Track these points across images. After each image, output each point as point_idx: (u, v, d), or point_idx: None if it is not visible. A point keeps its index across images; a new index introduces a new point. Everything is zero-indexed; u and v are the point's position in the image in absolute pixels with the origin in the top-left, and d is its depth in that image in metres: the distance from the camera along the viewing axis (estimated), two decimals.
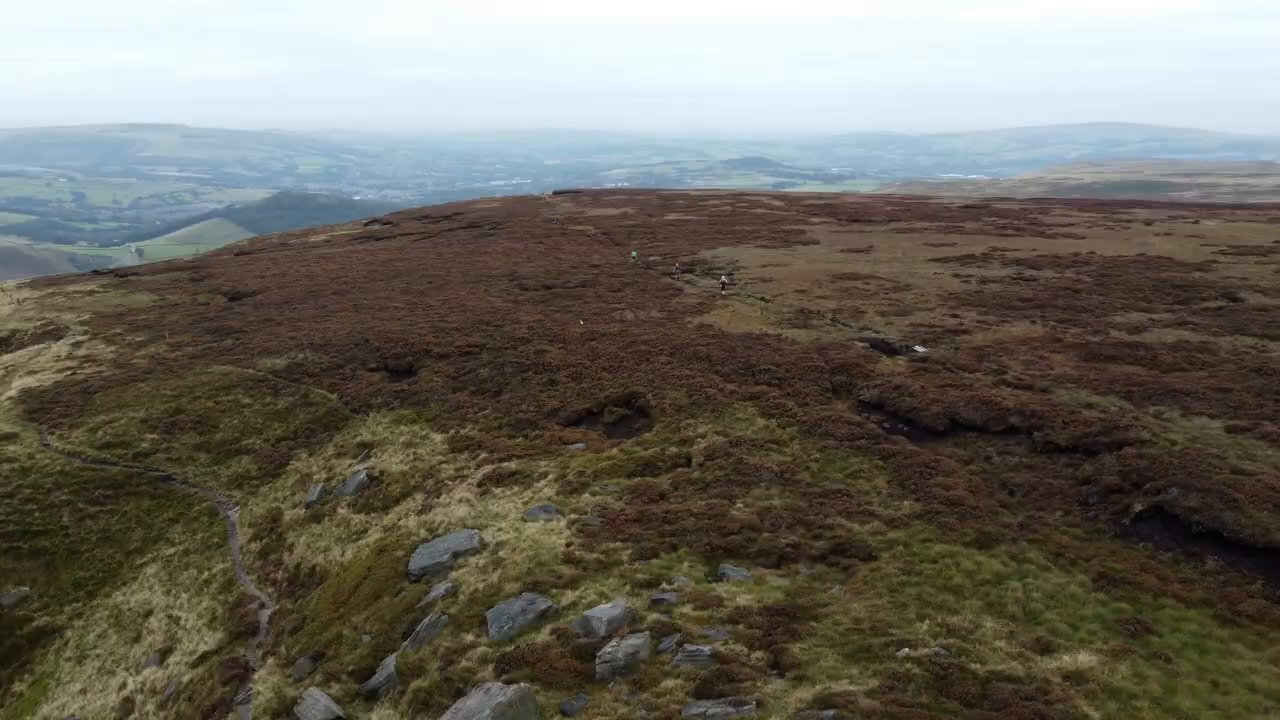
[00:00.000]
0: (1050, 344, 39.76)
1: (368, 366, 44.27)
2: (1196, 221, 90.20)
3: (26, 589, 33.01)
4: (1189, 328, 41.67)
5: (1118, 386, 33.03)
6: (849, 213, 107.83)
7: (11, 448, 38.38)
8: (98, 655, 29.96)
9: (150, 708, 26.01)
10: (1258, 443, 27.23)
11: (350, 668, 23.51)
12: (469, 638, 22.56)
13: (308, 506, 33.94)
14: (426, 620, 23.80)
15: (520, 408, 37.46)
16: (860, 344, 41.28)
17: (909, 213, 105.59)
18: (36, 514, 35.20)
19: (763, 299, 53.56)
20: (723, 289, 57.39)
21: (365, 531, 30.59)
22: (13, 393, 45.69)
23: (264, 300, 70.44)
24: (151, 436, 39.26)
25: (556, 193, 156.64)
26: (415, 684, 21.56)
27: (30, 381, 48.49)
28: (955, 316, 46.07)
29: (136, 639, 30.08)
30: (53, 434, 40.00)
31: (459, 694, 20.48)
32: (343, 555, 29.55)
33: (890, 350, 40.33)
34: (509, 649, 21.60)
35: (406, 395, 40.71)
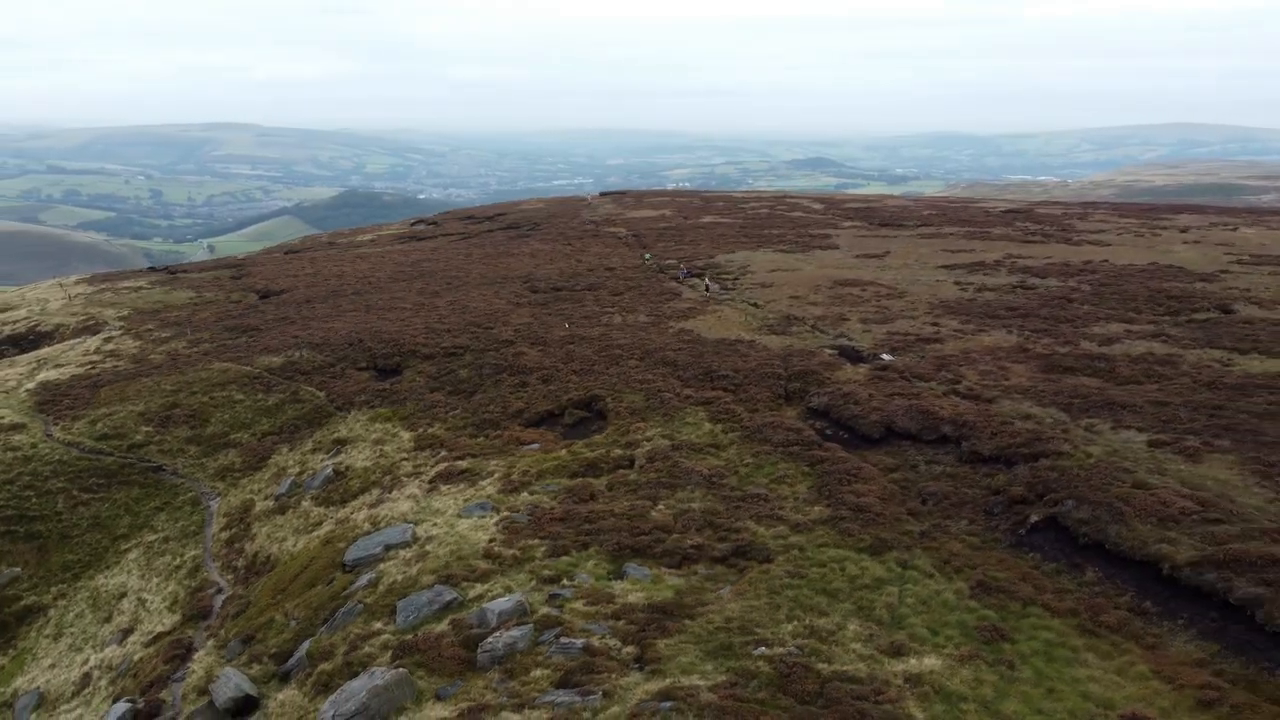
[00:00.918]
0: (1016, 354, 39.95)
1: (358, 366, 46.13)
2: (1235, 229, 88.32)
3: (19, 570, 35.37)
4: (1163, 340, 41.46)
5: (1062, 398, 33.26)
6: (882, 217, 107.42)
7: (18, 437, 40.99)
8: (72, 633, 32.12)
9: (103, 683, 27.95)
10: (1174, 457, 27.40)
11: (273, 650, 25.12)
12: (378, 625, 23.99)
13: (276, 499, 35.81)
14: (344, 608, 25.31)
15: (488, 408, 38.89)
16: (829, 351, 41.89)
17: (943, 217, 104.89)
18: (34, 500, 37.62)
19: (755, 304, 54.31)
20: (707, 290, 58.62)
21: (320, 524, 32.27)
22: (32, 385, 48.55)
23: (288, 299, 73.10)
24: (146, 429, 41.58)
25: (603, 194, 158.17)
26: (322, 667, 23.02)
27: (53, 374, 51.37)
28: (935, 325, 46.36)
29: (108, 619, 32.17)
30: (56, 425, 42.59)
31: (355, 676, 21.93)
32: (295, 546, 31.26)
33: (857, 358, 40.90)
34: (408, 637, 22.96)
35: (388, 394, 42.43)
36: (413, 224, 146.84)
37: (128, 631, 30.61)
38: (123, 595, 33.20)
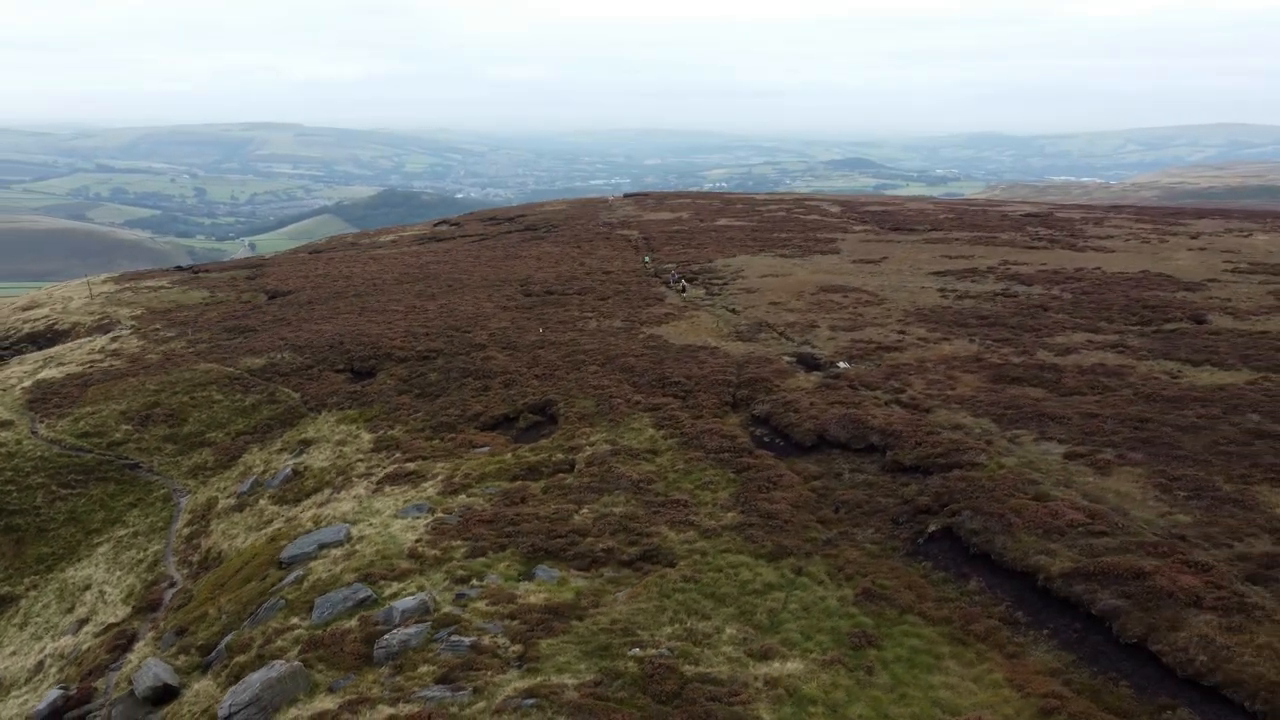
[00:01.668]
0: (970, 364, 40.29)
1: (335, 368, 47.50)
2: (1249, 235, 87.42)
3: None
4: (1120, 351, 41.58)
5: (998, 409, 33.66)
6: (895, 221, 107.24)
7: (4, 434, 42.85)
8: (36, 622, 33.70)
9: (54, 670, 29.43)
10: (1085, 469, 27.79)
11: (200, 642, 26.38)
12: (295, 620, 25.12)
13: (238, 497, 37.21)
14: (267, 604, 26.50)
15: (448, 411, 40.01)
16: (787, 358, 42.51)
17: (957, 222, 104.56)
18: (14, 494, 39.36)
19: (733, 310, 54.98)
20: (683, 293, 59.79)
21: (271, 522, 33.56)
22: (29, 383, 50.53)
23: (293, 300, 74.88)
24: (126, 427, 43.24)
25: (626, 195, 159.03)
26: (238, 659, 24.22)
27: (52, 373, 53.36)
28: (902, 333, 46.76)
29: (70, 610, 33.71)
30: (42, 422, 44.42)
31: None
32: (244, 542, 32.57)
33: (813, 366, 41.48)
34: (318, 632, 24.08)
35: (358, 396, 43.72)
36: (435, 225, 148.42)
37: (84, 622, 32.12)
38: (87, 587, 34.74)
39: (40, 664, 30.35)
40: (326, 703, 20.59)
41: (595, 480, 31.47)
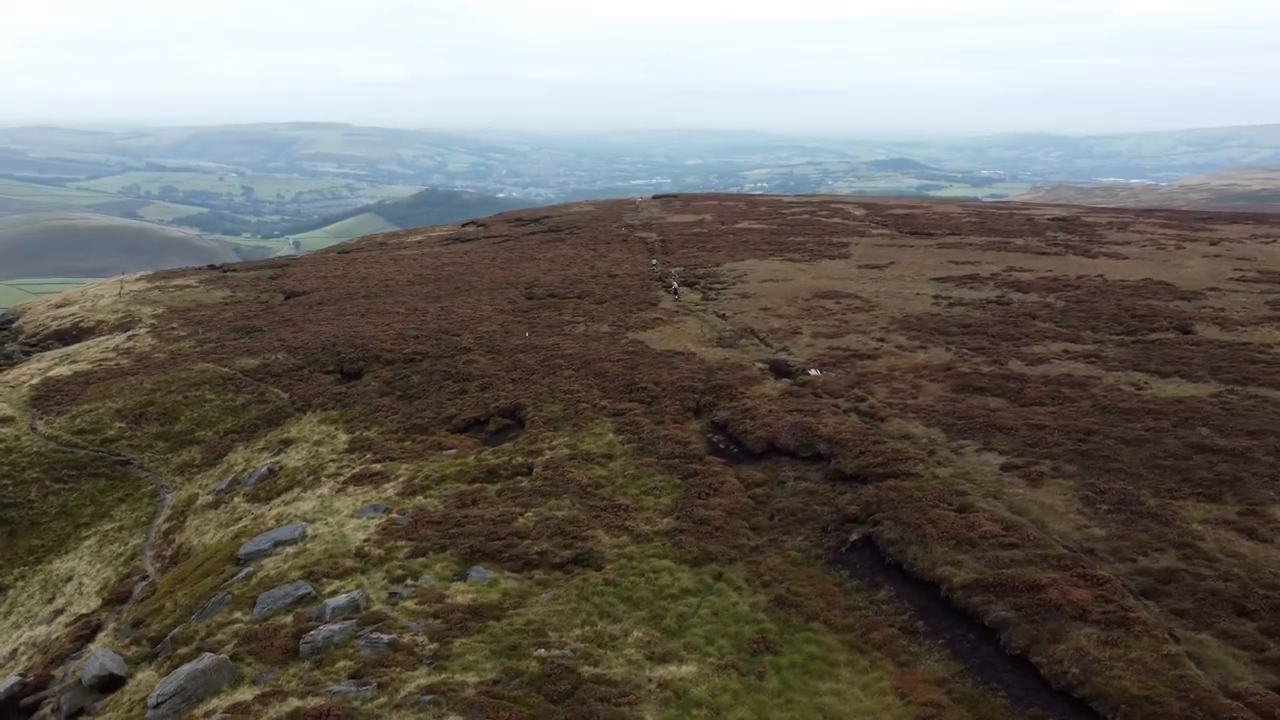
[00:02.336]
0: (939, 372, 40.51)
1: (325, 369, 48.78)
2: (1272, 241, 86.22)
3: None
4: (1092, 361, 41.54)
5: (950, 419, 33.94)
6: (915, 225, 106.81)
7: (4, 429, 44.65)
8: (19, 611, 35.25)
9: (24, 658, 30.85)
10: (1018, 481, 28.06)
11: (152, 634, 27.56)
12: (237, 615, 26.21)
13: (216, 494, 38.53)
14: (215, 599, 27.64)
15: (423, 413, 41.04)
16: (760, 365, 43.01)
17: (979, 226, 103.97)
18: (10, 488, 41.07)
19: (722, 315, 55.51)
20: (675, 295, 60.73)
21: (240, 519, 34.77)
22: (36, 381, 52.46)
23: (305, 301, 76.59)
24: (120, 425, 44.85)
25: (655, 196, 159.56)
26: (179, 651, 25.32)
27: (62, 370, 55.30)
28: (881, 340, 47.02)
29: (51, 600, 35.23)
30: (41, 419, 46.20)
31: None
32: (212, 539, 33.81)
33: (784, 372, 41.92)
34: (255, 627, 25.14)
35: (342, 398, 44.93)
36: (463, 225, 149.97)
37: (59, 612, 33.56)
38: (69, 579, 36.24)
39: (14, 651, 31.82)
40: (245, 694, 21.58)
41: (547, 484, 32.26)
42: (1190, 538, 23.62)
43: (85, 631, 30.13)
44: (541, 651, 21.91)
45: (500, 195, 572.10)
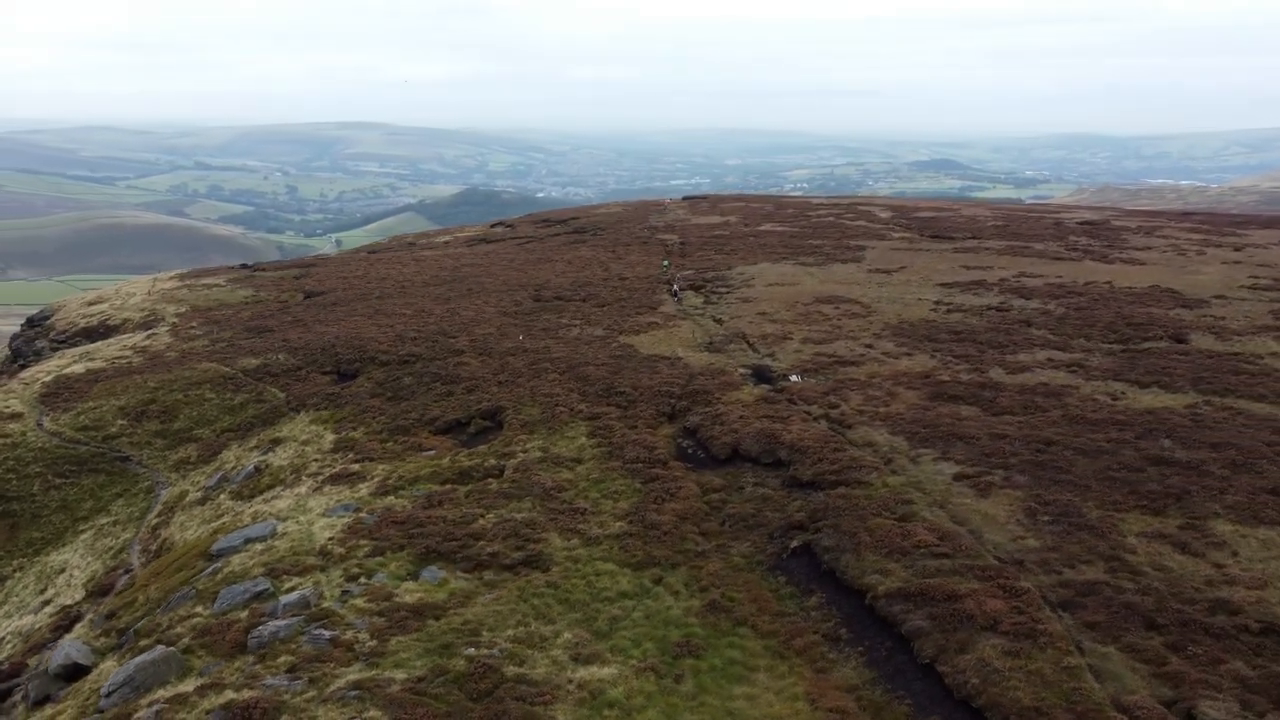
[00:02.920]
0: (918, 380, 40.61)
1: (323, 370, 49.90)
2: None
3: None
4: (1073, 370, 41.40)
5: (916, 427, 34.10)
6: (937, 228, 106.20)
7: (12, 425, 46.29)
8: (13, 601, 36.66)
9: (9, 646, 32.14)
10: (967, 491, 28.22)
11: (121, 626, 28.65)
12: (198, 609, 27.17)
13: (205, 491, 39.70)
14: (180, 593, 28.65)
15: (409, 414, 41.92)
16: (742, 370, 43.38)
17: (1002, 230, 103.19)
18: (14, 482, 42.63)
19: (718, 320, 55.87)
20: (676, 298, 61.27)
21: (221, 516, 35.87)
22: (49, 377, 54.20)
23: (321, 301, 78.05)
24: (121, 422, 46.29)
25: (685, 198, 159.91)
26: (141, 642, 26.31)
27: (77, 368, 57.06)
28: (869, 347, 47.14)
29: (43, 591, 36.58)
30: (47, 416, 47.81)
31: None
32: (193, 534, 34.92)
33: (766, 378, 42.26)
34: (212, 621, 26.09)
35: (336, 398, 45.98)
36: (492, 226, 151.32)
37: (47, 603, 34.88)
38: (62, 571, 37.59)
39: (3, 639, 33.12)
40: (188, 686, 22.48)
41: (514, 486, 32.94)
42: (1122, 551, 23.71)
43: (65, 622, 31.34)
44: (471, 651, 22.58)
45: (540, 195, 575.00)
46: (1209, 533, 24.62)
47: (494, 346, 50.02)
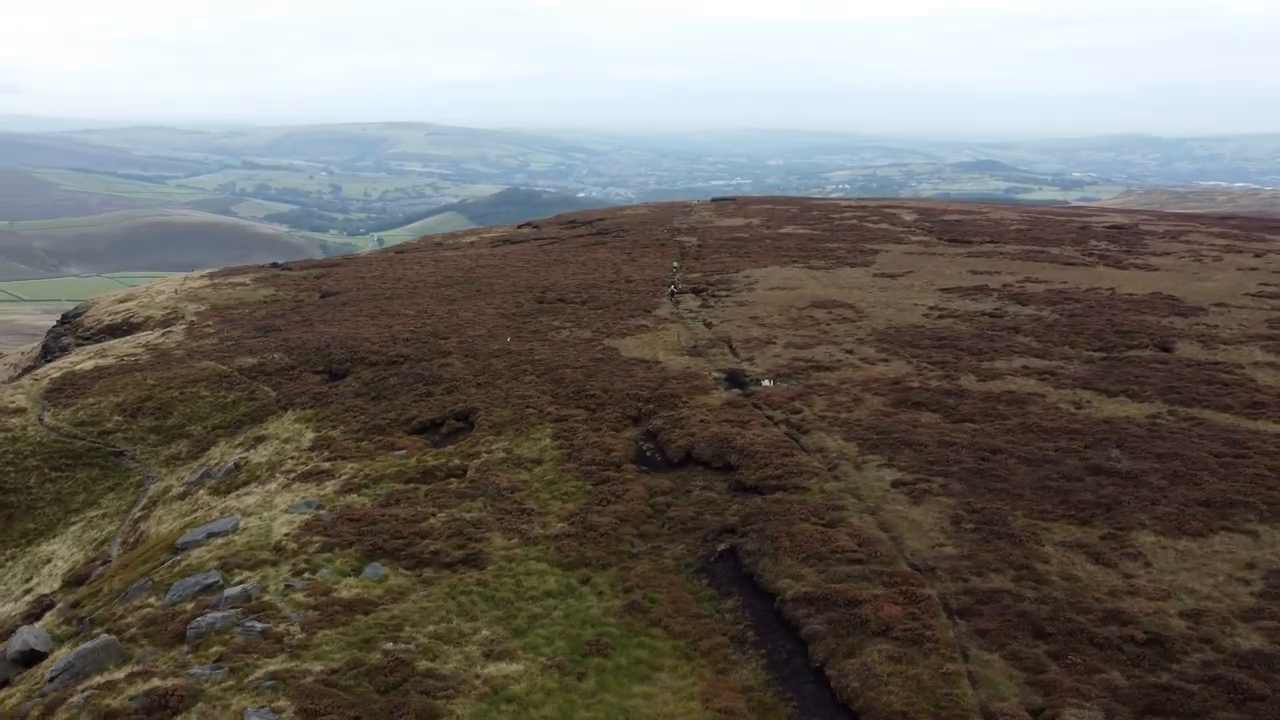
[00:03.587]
0: (887, 385, 40.77)
1: (315, 369, 51.10)
2: None
3: None
4: (1045, 377, 41.31)
5: (870, 433, 34.33)
6: (957, 232, 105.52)
7: (14, 420, 48.04)
8: (0, 590, 38.15)
9: None
10: (901, 497, 28.47)
11: (83, 614, 29.84)
12: (151, 600, 28.26)
13: (187, 486, 40.97)
14: (137, 584, 29.78)
15: (387, 414, 42.90)
16: (716, 374, 43.83)
17: (1024, 233, 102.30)
18: (12, 474, 44.28)
19: (708, 324, 56.28)
20: (673, 297, 61.88)
21: (196, 511, 37.06)
22: (58, 374, 56.06)
23: (334, 301, 79.57)
24: (117, 418, 47.83)
25: (714, 199, 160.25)
26: (95, 631, 27.43)
27: (87, 364, 58.89)
28: (849, 352, 47.33)
29: (28, 580, 38.06)
30: (49, 411, 49.50)
31: None
32: (167, 528, 36.13)
33: (738, 383, 42.66)
34: (160, 611, 27.15)
35: (323, 397, 47.12)
36: (519, 226, 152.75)
37: (29, 591, 36.30)
38: (48, 561, 39.07)
39: None
40: (119, 674, 23.50)
41: (471, 486, 33.72)
42: (1035, 560, 23.88)
43: (37, 610, 32.65)
44: (389, 645, 23.36)
45: (580, 195, 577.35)
46: (1129, 543, 24.69)
47: (480, 348, 50.89)
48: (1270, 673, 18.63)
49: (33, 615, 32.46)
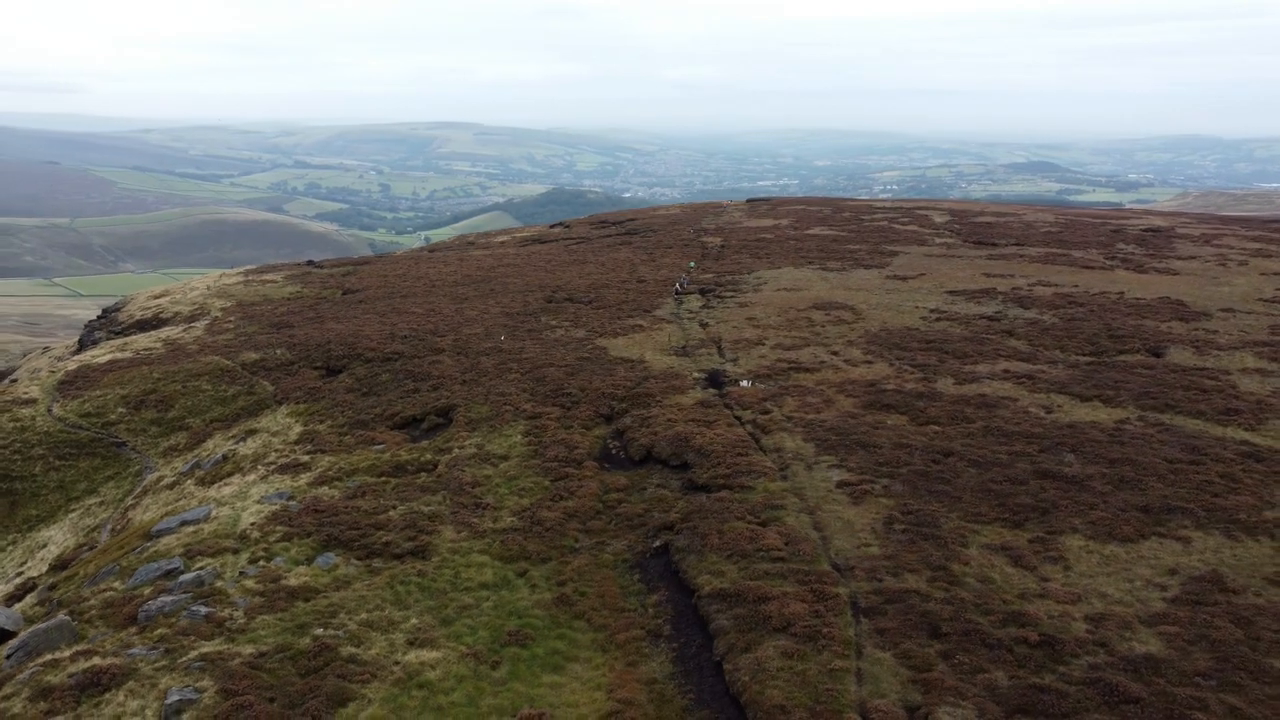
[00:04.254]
0: (862, 388, 40.87)
1: (314, 365, 52.34)
2: None
3: None
4: (1021, 381, 41.14)
5: (830, 434, 34.54)
6: (984, 234, 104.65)
7: (25, 410, 49.86)
8: None
9: None
10: (842, 498, 28.70)
11: (57, 597, 31.15)
12: (115, 584, 29.43)
13: (178, 476, 42.31)
14: (107, 568, 31.00)
15: (372, 410, 43.91)
16: (697, 374, 44.24)
17: (1052, 236, 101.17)
18: (19, 462, 46.03)
19: (704, 324, 56.64)
20: (678, 299, 62.51)
21: (181, 500, 38.32)
22: (74, 366, 57.98)
23: (352, 299, 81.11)
24: (121, 410, 49.45)
25: (749, 200, 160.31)
26: (59, 612, 28.73)
27: (104, 357, 60.82)
28: (835, 354, 47.44)
29: (23, 564, 39.62)
30: (58, 402, 51.30)
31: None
32: (149, 516, 37.42)
33: (717, 383, 43.02)
34: (120, 595, 28.30)
35: (317, 392, 48.30)
36: (551, 226, 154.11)
37: (20, 574, 37.82)
38: (44, 546, 40.63)
39: None
40: (65, 653, 24.57)
41: (436, 481, 34.54)
42: (955, 562, 24.03)
43: (20, 592, 34.07)
44: (319, 631, 24.20)
45: (626, 195, 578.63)
46: (1054, 547, 24.73)
47: (473, 346, 51.77)
48: (1154, 677, 18.69)
49: (15, 597, 33.89)
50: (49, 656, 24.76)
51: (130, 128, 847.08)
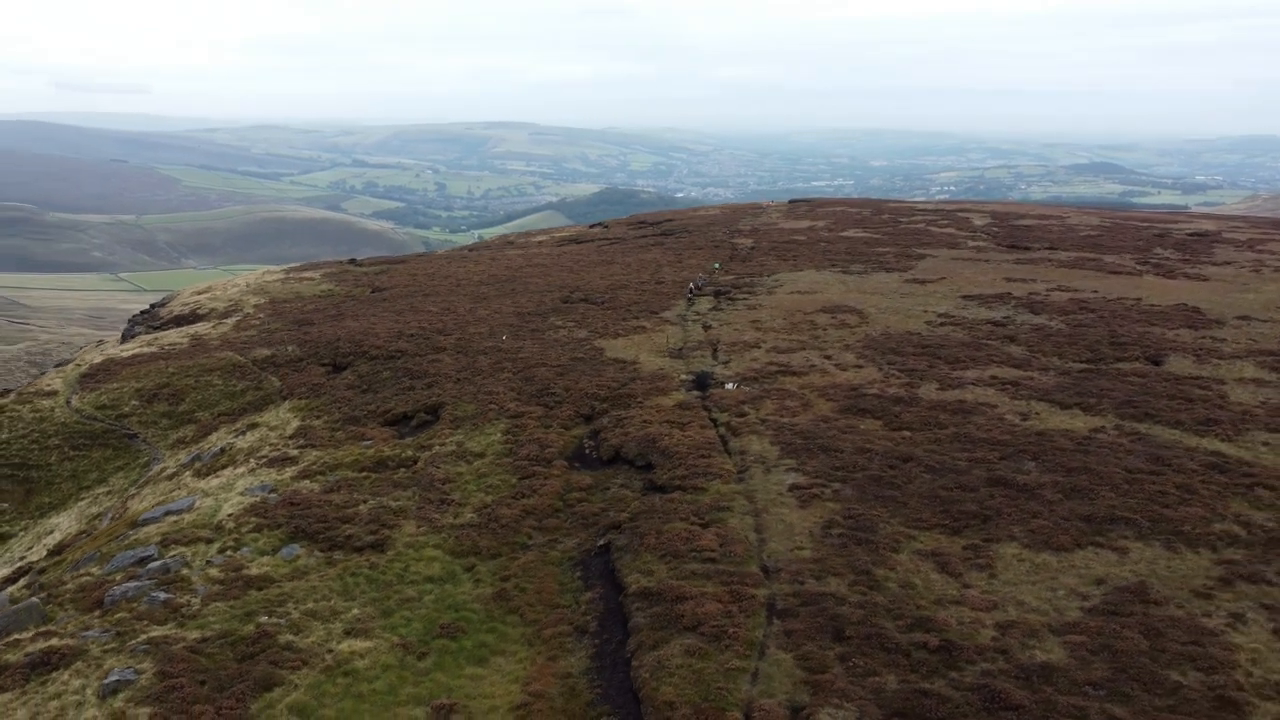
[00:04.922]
0: (844, 392, 40.96)
1: (321, 362, 53.74)
2: None
3: (5, 505, 45.63)
4: (1005, 388, 40.87)
5: (797, 438, 34.75)
6: (1020, 238, 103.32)
7: (45, 402, 51.96)
8: (5, 558, 41.60)
9: None
10: (791, 501, 28.95)
11: (41, 581, 32.62)
12: (93, 569, 30.77)
13: (179, 467, 43.83)
14: (89, 555, 32.38)
15: (369, 406, 45.05)
16: (685, 377, 44.64)
17: (1089, 240, 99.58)
18: (36, 452, 48.03)
19: (706, 326, 56.98)
20: (689, 300, 62.88)
21: (176, 490, 39.76)
22: (99, 359, 60.15)
23: (378, 297, 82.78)
24: (134, 403, 51.28)
25: (790, 201, 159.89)
26: (39, 595, 30.14)
27: (130, 351, 62.98)
28: (827, 358, 47.50)
29: (29, 549, 41.40)
30: (77, 394, 53.33)
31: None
32: (143, 505, 38.89)
33: (703, 385, 43.40)
34: (94, 580, 29.60)
35: (319, 388, 49.62)
36: (590, 226, 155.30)
37: (20, 559, 39.55)
38: (51, 532, 42.40)
39: None
40: (28, 634, 25.88)
41: (411, 477, 35.45)
42: (882, 566, 24.22)
43: (16, 576, 35.67)
44: (264, 619, 25.17)
45: (679, 195, 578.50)
46: (985, 554, 24.79)
47: (474, 345, 52.72)
48: (1044, 685, 18.78)
49: (10, 580, 35.48)
50: (14, 636, 26.08)
51: (195, 127, 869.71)
